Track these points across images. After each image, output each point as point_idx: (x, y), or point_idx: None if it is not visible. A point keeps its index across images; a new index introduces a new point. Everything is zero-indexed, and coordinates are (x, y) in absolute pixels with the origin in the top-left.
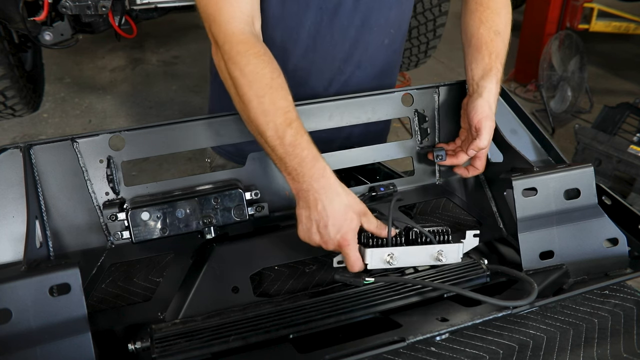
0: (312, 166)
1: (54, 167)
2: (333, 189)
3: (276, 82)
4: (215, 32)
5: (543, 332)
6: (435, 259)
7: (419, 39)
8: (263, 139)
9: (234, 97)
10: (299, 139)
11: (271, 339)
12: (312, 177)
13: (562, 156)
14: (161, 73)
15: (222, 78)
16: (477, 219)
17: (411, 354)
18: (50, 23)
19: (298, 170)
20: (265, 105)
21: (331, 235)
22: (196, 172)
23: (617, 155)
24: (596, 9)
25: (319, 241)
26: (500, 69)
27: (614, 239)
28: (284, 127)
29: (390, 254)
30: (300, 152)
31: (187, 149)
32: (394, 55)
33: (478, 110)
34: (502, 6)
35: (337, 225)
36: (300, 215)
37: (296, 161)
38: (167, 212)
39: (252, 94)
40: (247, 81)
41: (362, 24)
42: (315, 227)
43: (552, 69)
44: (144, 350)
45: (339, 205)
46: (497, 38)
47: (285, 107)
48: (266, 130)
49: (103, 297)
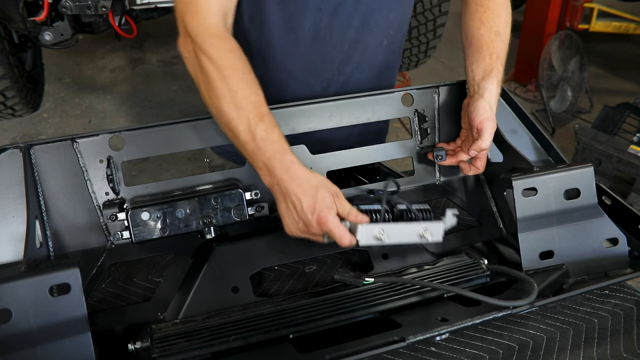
0: (282, 159)
1: (54, 167)
2: (301, 176)
3: (248, 77)
4: (189, 23)
5: (543, 332)
6: (420, 237)
7: (419, 39)
8: (234, 134)
9: (203, 90)
10: (270, 133)
11: (271, 339)
12: (282, 169)
13: (562, 156)
14: (161, 73)
15: (189, 69)
16: (477, 219)
17: (411, 354)
18: (50, 23)
19: (269, 164)
20: (238, 100)
21: (309, 217)
22: (196, 172)
23: (617, 155)
24: (596, 9)
25: (303, 230)
26: (501, 70)
27: (614, 239)
28: (256, 122)
29: (381, 230)
30: (270, 147)
31: (187, 149)
32: (393, 56)
33: (480, 112)
34: (502, 7)
35: (310, 205)
36: (281, 211)
37: (267, 156)
38: (167, 212)
39: (225, 88)
40: (221, 75)
41: (362, 25)
42: (295, 216)
43: (552, 69)
44: (144, 350)
45: (308, 187)
46: (497, 39)
47: (257, 102)
48: (238, 124)
49: (103, 297)
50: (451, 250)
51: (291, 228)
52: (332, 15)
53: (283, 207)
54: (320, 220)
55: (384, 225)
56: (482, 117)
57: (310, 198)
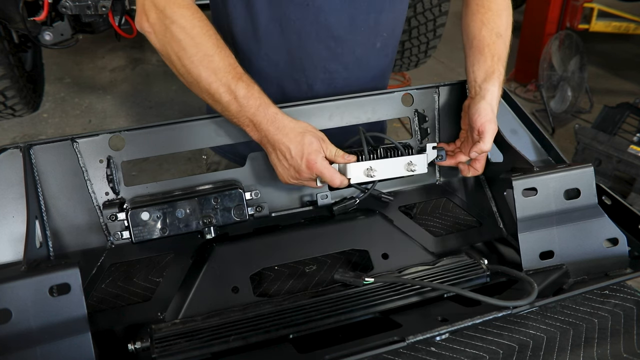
0: (266, 113)
1: (54, 167)
2: (286, 125)
3: (221, 42)
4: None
5: (543, 332)
6: (407, 169)
7: (419, 39)
8: (215, 98)
9: (175, 60)
10: (251, 90)
11: (271, 339)
12: (268, 122)
13: (562, 156)
14: (161, 73)
15: (156, 42)
16: (477, 219)
17: (411, 354)
18: (50, 23)
19: (254, 120)
20: (215, 63)
21: (298, 162)
22: (196, 172)
23: (617, 155)
24: (596, 9)
25: (295, 176)
26: (502, 72)
27: (614, 239)
28: (235, 82)
29: (369, 167)
30: (253, 102)
31: (187, 149)
32: (386, 60)
33: (482, 114)
34: (503, 8)
35: (298, 151)
36: (272, 162)
37: (251, 112)
38: (167, 212)
39: (201, 54)
40: (195, 43)
41: (349, 24)
42: (285, 164)
43: (552, 69)
44: (143, 350)
45: (294, 134)
46: (498, 40)
47: (234, 63)
48: (219, 87)
49: (103, 297)
50: (451, 250)
51: (284, 176)
52: (318, 11)
53: (274, 158)
54: (309, 163)
55: (372, 162)
56: (484, 120)
57: (297, 144)
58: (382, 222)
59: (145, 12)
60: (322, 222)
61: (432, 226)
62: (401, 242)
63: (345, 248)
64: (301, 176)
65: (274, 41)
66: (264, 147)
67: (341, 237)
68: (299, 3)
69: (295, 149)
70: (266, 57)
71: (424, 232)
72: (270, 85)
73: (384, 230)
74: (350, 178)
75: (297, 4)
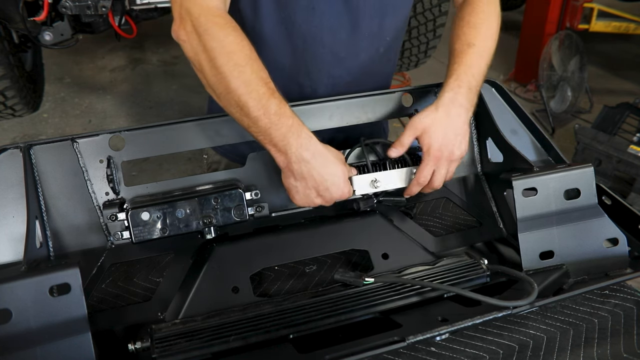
0: (299, 135)
1: (54, 167)
2: (324, 155)
3: (254, 54)
4: (191, 4)
5: (543, 332)
6: (409, 180)
7: (419, 39)
8: (244, 111)
9: (206, 70)
10: (284, 108)
11: (271, 339)
12: (301, 146)
13: (562, 156)
14: (161, 73)
15: (188, 52)
16: (477, 219)
17: (411, 354)
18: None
19: (284, 140)
20: (247, 75)
21: (334, 196)
22: (196, 172)
23: (617, 155)
24: (596, 9)
25: (320, 202)
26: (462, 76)
27: (614, 239)
28: (267, 97)
29: (374, 179)
30: (286, 121)
31: (187, 149)
32: (389, 64)
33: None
34: (481, 21)
35: (339, 188)
36: (295, 187)
37: (282, 131)
38: (167, 212)
39: (232, 64)
40: (227, 52)
41: (353, 28)
42: (315, 193)
43: (552, 69)
44: (144, 350)
45: (335, 170)
46: (469, 49)
47: (266, 78)
48: (249, 100)
49: (103, 297)
50: (451, 251)
51: (305, 200)
52: (322, 15)
53: (301, 185)
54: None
55: (376, 173)
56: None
57: (339, 183)
58: (382, 222)
59: (182, 21)
60: (322, 222)
61: (432, 226)
62: (401, 242)
63: (345, 248)
64: (328, 203)
65: (279, 45)
66: (288, 171)
67: (341, 237)
68: (305, 6)
69: (335, 186)
70: (272, 61)
71: (423, 232)
72: None
73: (384, 230)
74: (355, 190)
75: (303, 7)
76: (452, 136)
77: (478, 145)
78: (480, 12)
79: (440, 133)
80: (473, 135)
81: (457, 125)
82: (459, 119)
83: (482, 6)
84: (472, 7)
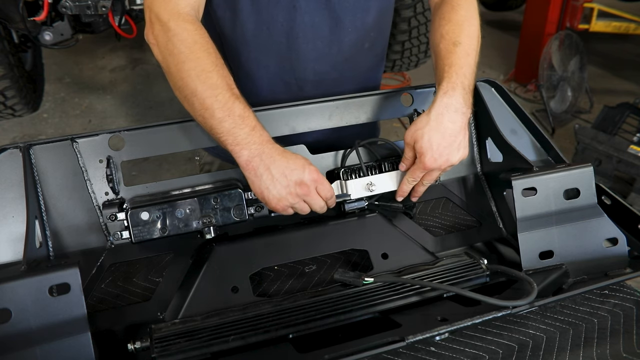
0: (262, 134)
1: (54, 167)
2: (285, 152)
3: (220, 61)
4: (160, 9)
5: (543, 332)
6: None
7: (419, 39)
8: (209, 113)
9: (174, 74)
10: (247, 111)
11: (271, 339)
12: (263, 142)
13: (562, 156)
14: (161, 73)
15: (157, 54)
16: (477, 219)
17: (411, 354)
18: (50, 23)
19: (249, 138)
20: (214, 80)
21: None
22: (196, 172)
23: (617, 155)
24: (596, 9)
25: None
26: (454, 78)
27: (614, 239)
28: (233, 100)
29: (369, 182)
30: (250, 122)
31: (187, 149)
32: (376, 59)
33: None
34: (464, 19)
35: (299, 165)
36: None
37: (246, 130)
38: (166, 212)
39: (200, 69)
40: (195, 57)
41: (336, 24)
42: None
43: (552, 69)
44: (143, 350)
45: (295, 158)
46: (456, 49)
47: (231, 84)
48: (214, 102)
49: (103, 297)
50: (451, 251)
51: (280, 198)
52: (304, 12)
53: (267, 179)
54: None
55: (370, 177)
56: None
57: (301, 167)
58: (381, 222)
59: (151, 25)
60: (322, 222)
61: (432, 226)
62: (401, 242)
63: (345, 248)
64: (302, 190)
65: (263, 44)
66: (253, 169)
67: (341, 237)
68: (286, 5)
69: (295, 164)
70: (256, 61)
71: (423, 232)
72: (261, 88)
73: (383, 230)
74: (351, 194)
75: (284, 6)
76: (445, 145)
77: (478, 145)
78: (461, 10)
79: (434, 143)
80: (472, 135)
81: (451, 132)
82: (454, 125)
83: (462, 4)
84: (451, 6)
